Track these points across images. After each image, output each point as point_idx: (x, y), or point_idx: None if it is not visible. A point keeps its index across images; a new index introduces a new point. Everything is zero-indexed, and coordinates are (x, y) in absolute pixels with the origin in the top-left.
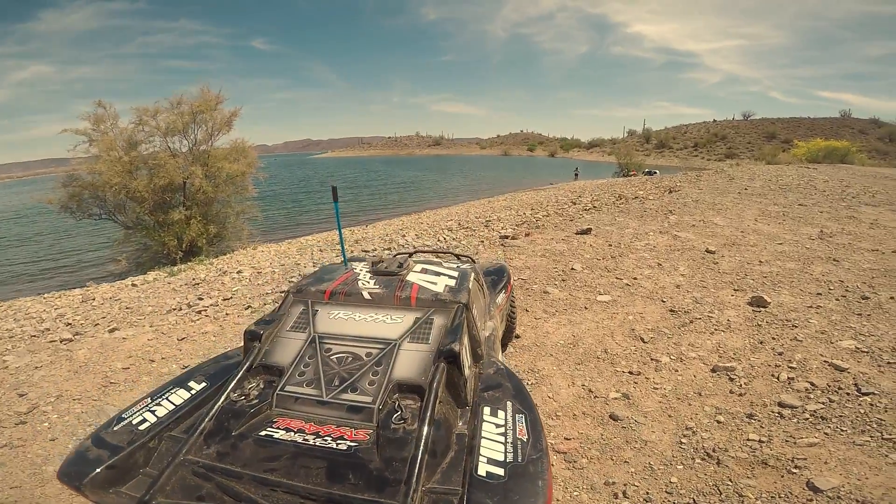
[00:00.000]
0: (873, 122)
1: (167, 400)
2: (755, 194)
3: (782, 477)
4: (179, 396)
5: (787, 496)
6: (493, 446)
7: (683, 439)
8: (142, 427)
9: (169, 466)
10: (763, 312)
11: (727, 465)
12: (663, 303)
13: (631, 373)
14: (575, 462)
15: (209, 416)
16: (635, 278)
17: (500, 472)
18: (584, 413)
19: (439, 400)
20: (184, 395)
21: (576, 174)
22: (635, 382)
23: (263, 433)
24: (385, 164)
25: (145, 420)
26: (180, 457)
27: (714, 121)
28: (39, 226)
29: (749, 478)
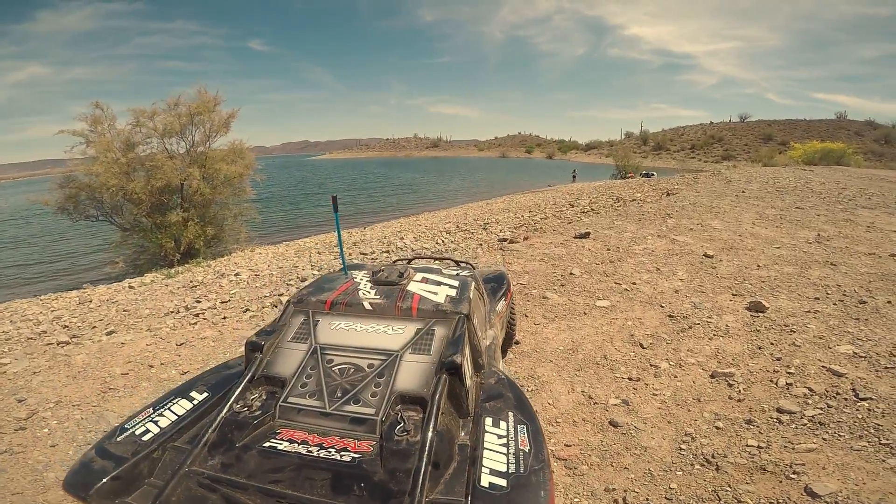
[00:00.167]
0: (869, 124)
1: (169, 410)
2: (752, 197)
3: (781, 482)
4: (182, 407)
5: (786, 502)
6: (496, 457)
7: (683, 445)
8: (145, 438)
9: (174, 477)
10: (761, 317)
11: (726, 471)
12: (662, 308)
13: (630, 379)
14: (575, 469)
15: (213, 427)
16: (634, 283)
17: (503, 482)
18: (584, 419)
19: (441, 411)
20: (186, 405)
21: (573, 176)
22: (635, 388)
23: (267, 444)
24: (383, 166)
25: (148, 431)
26: (185, 468)
27: (711, 123)
28: (35, 227)
29: (748, 483)
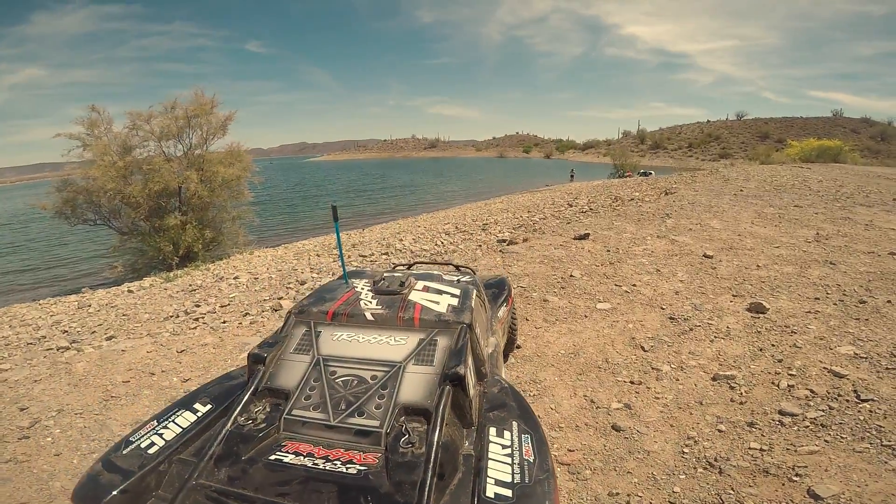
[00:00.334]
0: (865, 122)
1: (174, 423)
2: (751, 196)
3: (783, 485)
4: (185, 419)
5: None
6: (501, 467)
7: (685, 449)
8: (151, 451)
9: (182, 490)
10: (762, 319)
11: (729, 474)
12: (663, 310)
13: (632, 382)
14: (579, 474)
15: (218, 439)
16: (634, 285)
17: (508, 493)
18: (586, 424)
19: (445, 422)
20: (190, 417)
21: (571, 176)
22: (637, 392)
23: (273, 457)
24: (381, 168)
25: (153, 444)
26: (192, 481)
27: (708, 121)
28: (33, 232)
29: (751, 486)
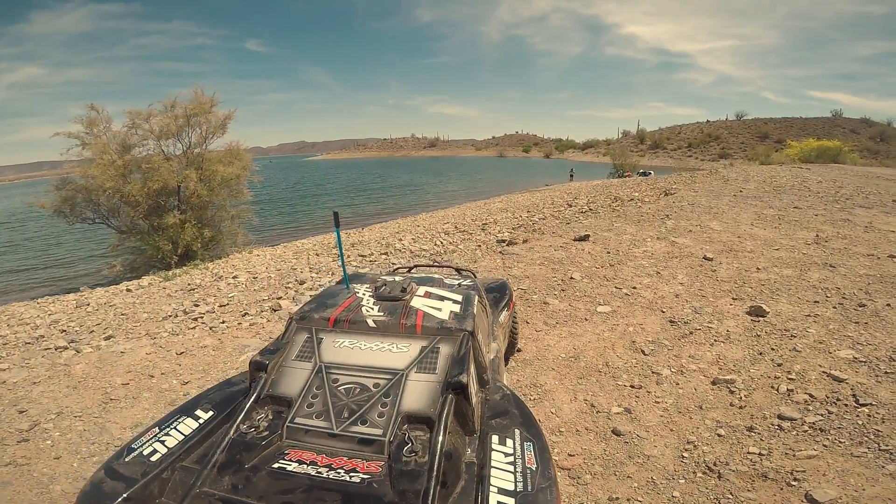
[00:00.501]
0: (864, 122)
1: (175, 430)
2: (750, 197)
3: (782, 490)
4: (187, 426)
5: None
6: (503, 475)
7: (685, 453)
8: (153, 458)
9: (186, 498)
10: (762, 322)
11: (728, 479)
12: (663, 313)
13: (632, 386)
14: (579, 478)
15: (221, 447)
16: (634, 287)
17: (511, 501)
18: (586, 428)
19: (448, 431)
20: (192, 424)
21: (571, 175)
22: (637, 396)
23: (276, 465)
24: (380, 167)
25: (156, 451)
26: (196, 489)
27: (707, 121)
28: (31, 231)
29: (749, 491)
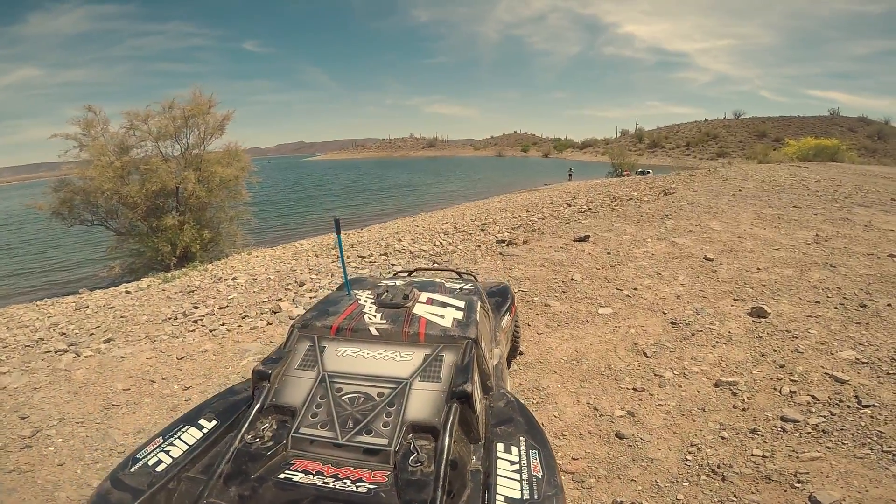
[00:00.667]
0: (861, 121)
1: (180, 439)
2: (749, 196)
3: (785, 492)
4: (191, 436)
5: None
6: (509, 484)
7: (689, 456)
8: (159, 468)
9: None
10: (763, 323)
11: (732, 481)
12: (664, 315)
13: (635, 389)
14: (583, 482)
15: (227, 457)
16: (635, 289)
17: None
18: (590, 432)
19: (454, 439)
20: (196, 433)
21: (570, 175)
22: (640, 399)
23: (283, 476)
24: (379, 167)
25: (161, 461)
26: (203, 500)
27: (706, 120)
28: (29, 233)
29: (753, 493)
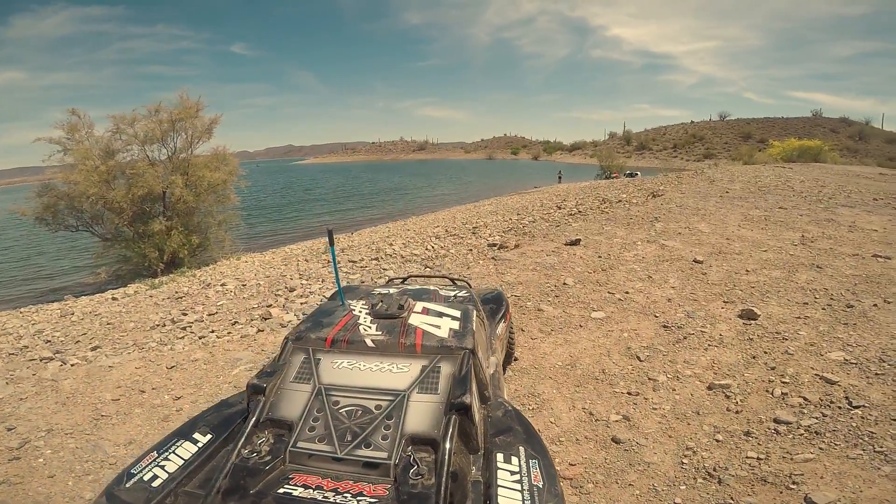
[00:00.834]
0: (843, 121)
1: (174, 454)
2: (736, 197)
3: (781, 493)
4: (186, 450)
5: None
6: (510, 494)
7: (685, 459)
8: (155, 484)
9: None
10: (753, 325)
11: (728, 484)
12: (656, 318)
13: (629, 393)
14: (581, 487)
15: (224, 473)
16: (627, 292)
17: None
18: (586, 437)
19: (453, 451)
20: (190, 447)
21: (559, 177)
22: (634, 403)
23: (282, 490)
24: (369, 171)
25: (156, 476)
26: None
27: (692, 122)
28: (10, 239)
29: (750, 495)
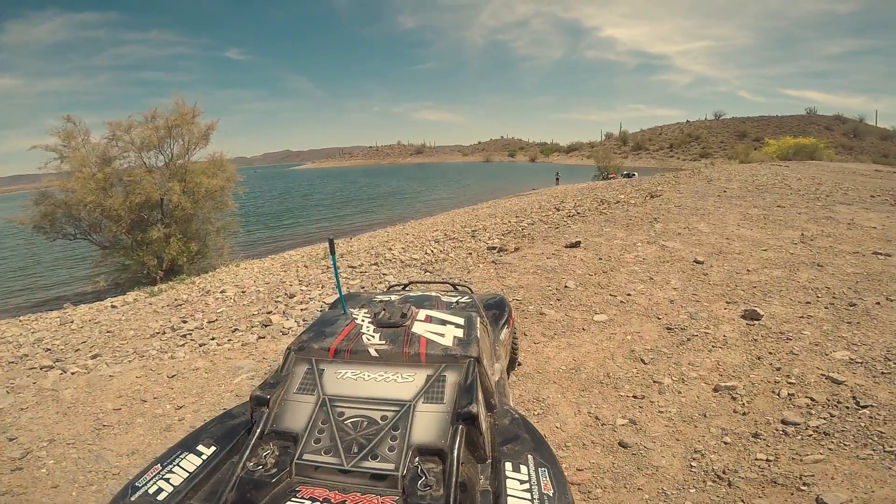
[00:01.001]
0: (837, 119)
1: (179, 466)
2: (734, 196)
3: (792, 495)
4: (190, 462)
5: None
6: (521, 503)
7: (693, 462)
8: (160, 497)
9: None
10: (757, 326)
11: (738, 486)
12: (659, 320)
13: (635, 397)
14: (590, 493)
15: (230, 486)
16: (629, 294)
17: None
18: (593, 442)
19: (461, 461)
20: (195, 460)
21: (557, 179)
22: (640, 407)
23: (289, 503)
24: (367, 175)
25: (161, 489)
26: None
27: (687, 121)
28: (7, 247)
29: (761, 497)
